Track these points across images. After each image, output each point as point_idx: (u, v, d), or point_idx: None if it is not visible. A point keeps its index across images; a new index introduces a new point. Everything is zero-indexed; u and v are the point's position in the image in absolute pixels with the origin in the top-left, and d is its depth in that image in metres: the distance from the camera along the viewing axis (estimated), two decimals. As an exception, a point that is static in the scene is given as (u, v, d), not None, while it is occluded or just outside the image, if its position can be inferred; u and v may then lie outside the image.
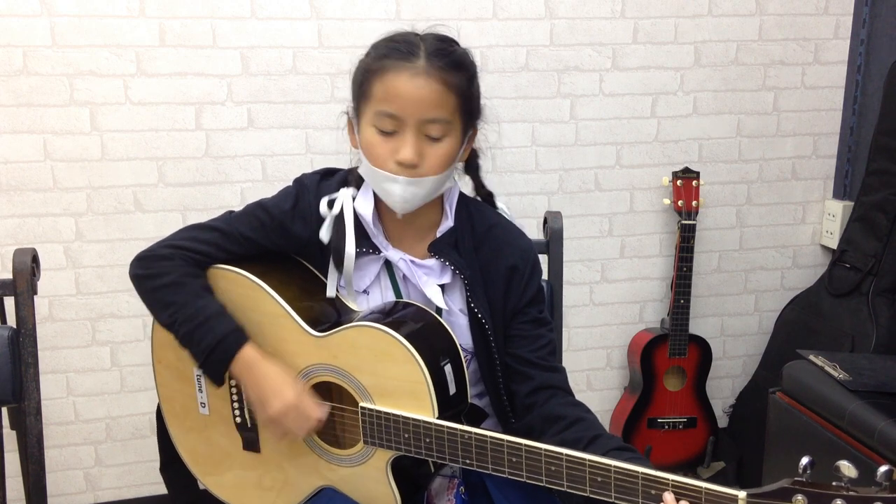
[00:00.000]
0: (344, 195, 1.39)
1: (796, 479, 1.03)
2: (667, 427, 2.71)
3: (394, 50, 1.29)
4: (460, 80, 1.30)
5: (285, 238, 1.41)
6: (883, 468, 0.99)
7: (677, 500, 1.09)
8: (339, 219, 1.38)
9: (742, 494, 1.06)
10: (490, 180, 2.64)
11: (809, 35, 2.68)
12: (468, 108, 1.34)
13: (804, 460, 1.03)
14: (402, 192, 1.30)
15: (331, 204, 1.39)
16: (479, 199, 1.52)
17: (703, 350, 2.69)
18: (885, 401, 1.97)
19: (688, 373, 2.70)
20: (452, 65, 1.29)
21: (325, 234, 1.39)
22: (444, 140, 1.31)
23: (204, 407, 1.46)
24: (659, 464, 1.18)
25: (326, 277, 1.42)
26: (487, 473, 1.27)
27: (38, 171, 2.31)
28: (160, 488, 1.59)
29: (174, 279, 1.36)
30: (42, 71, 2.25)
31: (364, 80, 1.32)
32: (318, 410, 1.33)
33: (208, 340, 1.33)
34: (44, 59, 2.24)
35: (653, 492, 1.12)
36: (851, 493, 1.00)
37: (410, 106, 1.27)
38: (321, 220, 1.39)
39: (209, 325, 1.33)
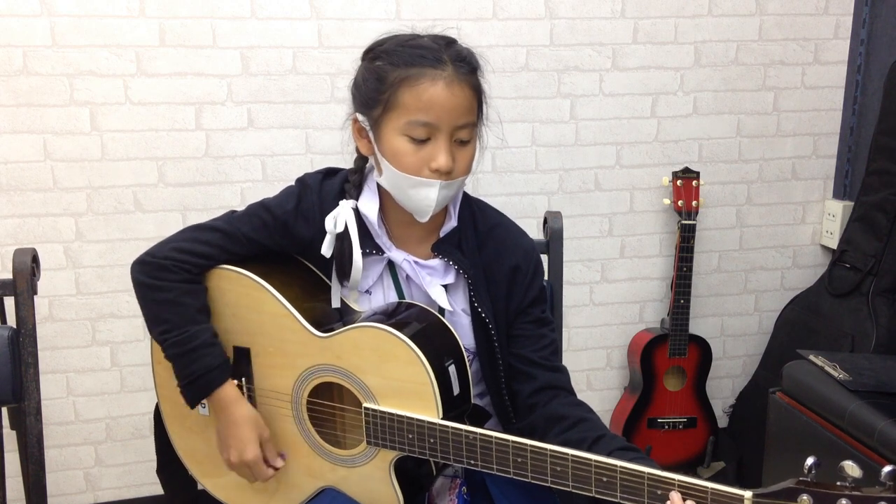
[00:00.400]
0: (345, 210, 1.38)
1: (801, 479, 1.03)
2: (667, 427, 2.71)
3: (419, 58, 1.28)
4: (479, 82, 1.34)
5: (288, 238, 1.40)
6: (887, 468, 1.00)
7: (683, 499, 1.09)
8: (342, 234, 1.38)
9: (748, 494, 1.06)
10: (490, 180, 2.66)
11: (809, 35, 2.68)
12: (482, 108, 1.36)
13: (810, 460, 1.03)
14: (437, 197, 1.31)
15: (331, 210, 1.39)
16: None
17: (703, 350, 2.69)
18: (885, 401, 1.97)
19: (688, 373, 2.70)
20: (474, 68, 1.32)
21: (326, 249, 1.38)
22: (472, 142, 1.33)
23: (204, 407, 1.46)
24: (659, 464, 1.18)
25: (329, 278, 1.42)
26: (488, 473, 1.27)
27: (38, 171, 2.30)
28: (160, 488, 1.59)
29: (172, 297, 1.37)
30: (42, 71, 2.25)
31: (384, 88, 1.29)
32: (267, 474, 1.40)
33: (191, 369, 1.36)
34: (44, 59, 2.24)
35: (658, 492, 1.12)
36: (856, 493, 1.00)
37: (446, 114, 1.27)
38: (324, 214, 1.39)
39: (196, 355, 1.36)
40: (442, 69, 1.27)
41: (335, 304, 1.41)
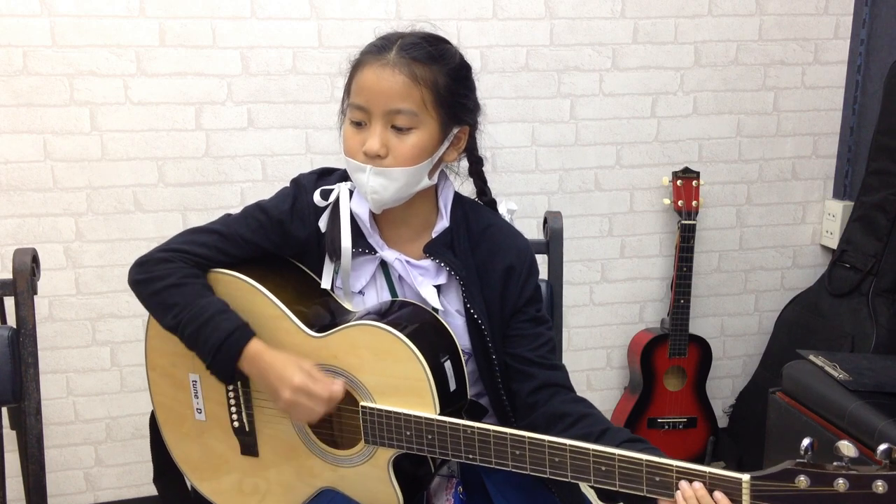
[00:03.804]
0: (341, 186, 1.40)
1: (798, 460, 1.04)
2: (667, 427, 2.71)
3: (372, 46, 1.33)
4: (433, 74, 1.30)
5: (284, 238, 1.41)
6: (882, 446, 1.01)
7: (690, 482, 1.09)
8: (335, 210, 1.39)
9: (746, 477, 1.06)
10: (489, 180, 2.64)
11: (809, 35, 2.68)
12: (445, 103, 1.32)
13: (805, 441, 1.04)
14: (368, 182, 1.31)
15: (325, 195, 1.40)
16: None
17: (703, 350, 2.69)
18: (885, 401, 1.97)
19: (688, 373, 2.70)
20: (424, 58, 1.29)
21: (323, 223, 1.39)
22: (413, 133, 1.30)
23: (200, 413, 1.46)
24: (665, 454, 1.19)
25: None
26: (486, 473, 1.27)
27: (38, 171, 2.31)
28: (160, 488, 1.59)
29: (174, 281, 1.36)
30: (42, 71, 2.25)
31: (347, 77, 1.35)
32: (328, 387, 1.29)
33: (214, 339, 1.32)
34: (44, 59, 2.24)
35: (657, 479, 1.12)
36: (852, 472, 1.01)
37: (375, 97, 1.29)
38: (319, 215, 1.40)
39: (214, 324, 1.32)
40: (383, 55, 1.29)
41: (325, 284, 1.41)
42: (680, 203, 2.60)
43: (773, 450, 2.29)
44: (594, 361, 2.81)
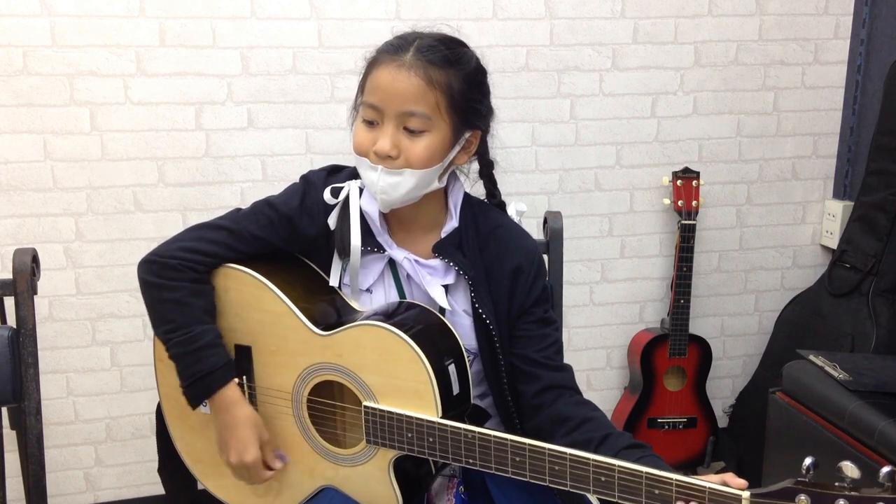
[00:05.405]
0: (351, 184, 1.40)
1: (799, 479, 1.03)
2: (667, 427, 2.71)
3: (389, 45, 1.33)
4: (448, 77, 1.30)
5: (293, 235, 1.41)
6: (885, 469, 0.99)
7: (687, 501, 1.09)
8: (345, 208, 1.39)
9: (745, 494, 1.06)
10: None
11: (809, 35, 2.68)
12: (458, 108, 1.32)
13: (807, 461, 1.03)
14: (379, 182, 1.31)
15: (335, 193, 1.40)
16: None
17: (703, 350, 2.69)
18: (885, 401, 1.97)
19: (688, 373, 2.70)
20: (440, 61, 1.29)
21: (332, 220, 1.40)
22: (425, 135, 1.30)
23: (205, 406, 1.46)
24: (665, 461, 1.18)
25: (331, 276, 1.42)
26: (488, 473, 1.27)
27: (38, 171, 2.30)
28: (160, 488, 1.59)
29: (179, 297, 1.36)
30: (42, 71, 2.25)
31: (362, 74, 1.35)
32: (265, 476, 1.39)
33: (195, 370, 1.35)
34: (44, 59, 2.24)
35: (656, 492, 1.12)
36: (854, 493, 1.00)
37: (388, 97, 1.29)
38: (328, 212, 1.40)
39: (200, 355, 1.35)
40: (399, 56, 1.29)
41: (333, 282, 1.41)
42: (680, 203, 2.60)
43: (773, 450, 2.29)
44: (594, 361, 2.81)
